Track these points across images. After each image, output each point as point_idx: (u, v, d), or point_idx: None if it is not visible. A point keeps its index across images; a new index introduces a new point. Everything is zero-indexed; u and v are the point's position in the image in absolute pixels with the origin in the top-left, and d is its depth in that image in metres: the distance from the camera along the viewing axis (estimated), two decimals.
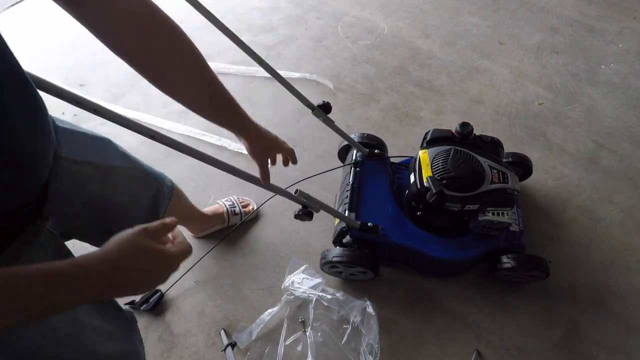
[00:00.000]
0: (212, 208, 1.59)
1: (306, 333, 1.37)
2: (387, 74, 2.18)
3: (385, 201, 1.44)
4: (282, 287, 1.44)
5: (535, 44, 2.31)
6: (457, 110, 2.02)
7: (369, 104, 2.05)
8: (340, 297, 1.41)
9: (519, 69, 2.19)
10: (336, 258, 1.34)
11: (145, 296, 1.42)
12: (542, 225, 1.64)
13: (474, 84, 2.13)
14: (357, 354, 1.33)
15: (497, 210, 1.31)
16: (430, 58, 2.25)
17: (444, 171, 1.29)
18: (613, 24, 2.40)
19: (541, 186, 1.74)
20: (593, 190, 1.73)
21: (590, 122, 1.96)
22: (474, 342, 1.38)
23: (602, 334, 1.40)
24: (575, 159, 1.83)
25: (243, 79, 2.14)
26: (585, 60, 2.21)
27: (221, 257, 1.55)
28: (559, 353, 1.37)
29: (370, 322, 1.36)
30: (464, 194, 1.28)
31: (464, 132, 1.38)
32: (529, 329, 1.41)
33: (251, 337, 1.36)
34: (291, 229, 1.62)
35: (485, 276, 1.49)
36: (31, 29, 2.49)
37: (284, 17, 2.51)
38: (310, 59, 2.27)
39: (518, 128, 1.94)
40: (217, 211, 1.57)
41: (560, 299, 1.47)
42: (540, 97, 2.06)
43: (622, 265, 1.54)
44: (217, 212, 1.57)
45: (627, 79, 2.12)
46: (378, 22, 2.46)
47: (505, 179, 1.34)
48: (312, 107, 1.23)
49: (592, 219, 1.66)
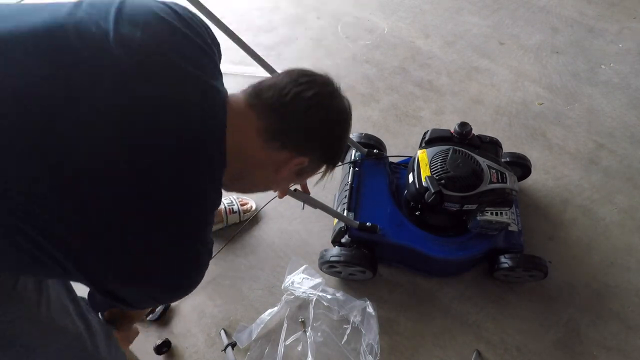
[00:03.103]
0: None
1: (306, 333, 1.37)
2: (387, 74, 2.18)
3: (384, 201, 1.44)
4: (282, 287, 1.44)
5: (535, 44, 2.31)
6: (457, 110, 2.02)
7: (369, 104, 2.05)
8: (340, 297, 1.41)
9: (519, 69, 2.19)
10: (334, 258, 1.34)
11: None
12: (542, 225, 1.64)
13: (474, 84, 2.13)
14: (357, 354, 1.33)
15: (496, 210, 1.31)
16: (430, 58, 2.25)
17: (442, 171, 1.29)
18: (613, 24, 2.39)
19: (541, 186, 1.74)
20: (593, 190, 1.73)
21: (590, 122, 1.96)
22: (474, 342, 1.38)
23: (602, 334, 1.40)
24: (575, 159, 1.83)
25: (243, 79, 2.12)
26: (585, 60, 2.21)
27: (221, 257, 1.55)
28: (559, 353, 1.37)
29: (370, 322, 1.36)
30: (462, 193, 1.28)
31: (462, 132, 1.39)
32: (529, 329, 1.41)
33: (251, 337, 1.36)
34: (291, 229, 1.62)
35: (485, 276, 1.49)
36: None
37: (284, 17, 2.51)
38: (310, 59, 2.27)
39: (518, 128, 1.94)
40: None
41: (560, 299, 1.47)
42: (540, 97, 2.06)
43: (622, 265, 1.54)
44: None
45: (627, 79, 2.12)
46: (378, 22, 2.46)
47: (503, 178, 1.34)
48: None
49: (592, 219, 1.66)
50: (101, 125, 0.62)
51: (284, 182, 0.87)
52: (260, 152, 0.75)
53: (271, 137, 0.74)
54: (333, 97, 0.80)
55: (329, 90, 0.79)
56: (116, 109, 0.63)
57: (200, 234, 0.71)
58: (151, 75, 0.66)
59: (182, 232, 0.68)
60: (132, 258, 0.66)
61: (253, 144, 0.74)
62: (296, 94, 0.74)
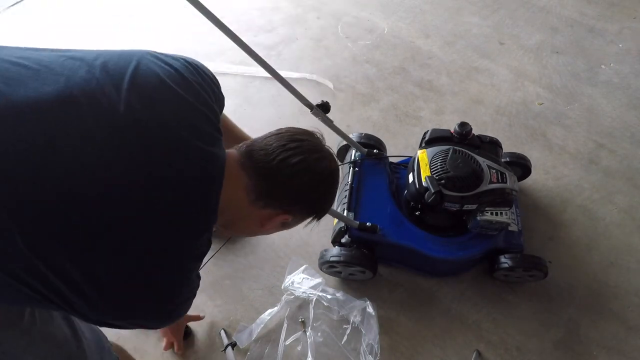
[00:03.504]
0: None
1: (306, 333, 1.37)
2: (387, 74, 2.18)
3: (384, 201, 1.44)
4: (282, 287, 1.44)
5: (535, 44, 2.31)
6: (457, 110, 2.02)
7: (369, 104, 2.05)
8: (340, 297, 1.41)
9: (519, 69, 2.19)
10: (334, 258, 1.34)
11: None
12: (542, 225, 1.63)
13: (474, 84, 2.13)
14: (357, 354, 1.33)
15: (496, 210, 1.31)
16: (430, 58, 2.25)
17: (442, 171, 1.29)
18: (613, 24, 2.39)
19: (541, 186, 1.74)
20: (593, 190, 1.73)
21: (590, 122, 1.96)
22: (474, 342, 1.38)
23: (602, 334, 1.40)
24: (575, 159, 1.83)
25: (243, 79, 2.14)
26: (585, 60, 2.21)
27: (221, 257, 1.55)
28: (559, 353, 1.37)
29: (370, 322, 1.36)
30: (462, 193, 1.28)
31: (462, 132, 1.39)
32: (529, 329, 1.41)
33: (251, 337, 1.36)
34: (291, 229, 1.62)
35: (485, 276, 1.49)
36: (31, 29, 2.49)
37: (284, 17, 2.51)
38: (310, 59, 2.27)
39: (518, 128, 1.94)
40: None
41: (560, 298, 1.47)
42: (540, 97, 2.06)
43: (622, 265, 1.54)
44: None
45: (627, 79, 2.12)
46: (378, 22, 2.46)
47: (503, 178, 1.34)
48: (310, 106, 1.23)
49: (592, 219, 1.66)
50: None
51: (270, 231, 0.93)
52: (248, 207, 0.80)
53: (257, 196, 0.79)
54: (319, 161, 0.82)
55: (316, 157, 0.81)
56: (131, 184, 0.67)
57: (185, 276, 0.76)
58: (160, 156, 0.70)
59: (171, 270, 0.73)
60: (122, 290, 0.69)
61: (241, 201, 0.79)
62: (282, 160, 0.77)
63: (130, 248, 0.67)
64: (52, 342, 0.82)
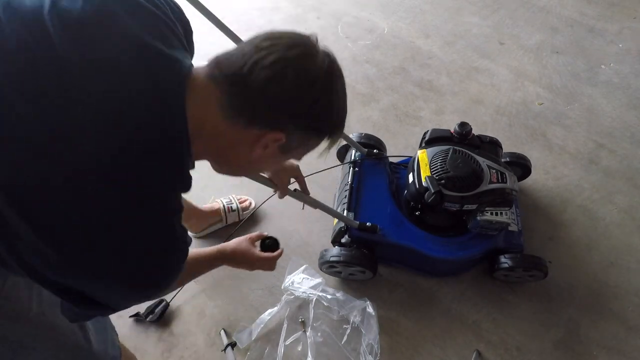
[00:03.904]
0: (209, 205, 1.61)
1: (306, 333, 1.37)
2: (387, 74, 2.18)
3: (384, 201, 1.44)
4: (282, 287, 1.44)
5: (535, 44, 2.31)
6: (457, 110, 2.02)
7: (369, 103, 2.05)
8: (340, 297, 1.41)
9: (519, 69, 2.19)
10: (334, 258, 1.34)
11: (150, 307, 1.40)
12: (542, 225, 1.63)
13: (474, 84, 2.13)
14: (357, 354, 1.33)
15: (496, 210, 1.31)
16: (430, 58, 2.25)
17: (442, 171, 1.29)
18: (613, 24, 2.39)
19: (541, 186, 1.74)
20: (593, 190, 1.73)
21: (590, 122, 1.96)
22: (474, 342, 1.38)
23: (602, 334, 1.40)
24: (575, 159, 1.83)
25: None
26: (585, 60, 2.21)
27: None
28: (559, 353, 1.37)
29: (370, 322, 1.36)
30: (462, 193, 1.28)
31: (462, 132, 1.39)
32: (529, 329, 1.41)
33: (251, 337, 1.36)
34: (291, 229, 1.62)
35: (485, 276, 1.49)
36: None
37: (284, 17, 2.51)
38: None
39: (518, 128, 1.94)
40: (213, 207, 1.59)
41: (560, 298, 1.47)
42: (540, 97, 2.06)
43: (622, 265, 1.54)
44: (214, 208, 1.59)
45: (627, 79, 2.12)
46: (378, 22, 2.46)
47: (503, 178, 1.34)
48: None
49: (592, 219, 1.66)
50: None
51: (267, 162, 0.77)
52: (228, 130, 0.66)
53: (235, 113, 0.65)
54: (305, 58, 0.66)
55: (296, 53, 0.65)
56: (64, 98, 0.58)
57: (168, 219, 0.68)
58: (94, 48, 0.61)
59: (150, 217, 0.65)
60: (102, 248, 0.62)
61: (215, 119, 0.65)
62: (254, 63, 0.62)
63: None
64: (58, 331, 0.82)
